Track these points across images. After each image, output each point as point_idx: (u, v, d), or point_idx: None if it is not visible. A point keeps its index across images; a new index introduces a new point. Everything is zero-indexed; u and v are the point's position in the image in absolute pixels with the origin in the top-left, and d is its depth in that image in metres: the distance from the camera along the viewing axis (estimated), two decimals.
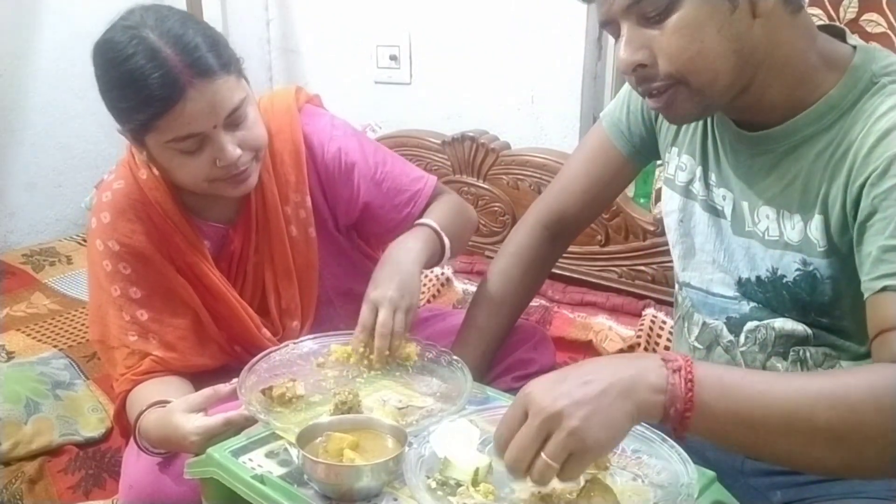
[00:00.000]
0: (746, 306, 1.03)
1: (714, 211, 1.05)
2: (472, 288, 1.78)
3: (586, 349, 1.68)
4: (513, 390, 1.15)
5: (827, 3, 1.49)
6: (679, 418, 0.75)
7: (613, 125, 1.19)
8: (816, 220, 0.92)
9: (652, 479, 0.84)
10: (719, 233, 1.04)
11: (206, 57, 1.08)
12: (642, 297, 1.79)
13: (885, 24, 1.45)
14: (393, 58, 2.25)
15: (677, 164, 1.10)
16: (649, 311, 1.73)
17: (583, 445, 0.73)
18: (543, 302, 1.83)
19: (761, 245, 0.98)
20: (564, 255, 1.85)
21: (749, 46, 0.88)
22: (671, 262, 1.17)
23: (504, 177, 1.96)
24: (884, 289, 0.81)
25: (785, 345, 1.00)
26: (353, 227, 1.37)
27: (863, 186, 0.85)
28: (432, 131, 2.10)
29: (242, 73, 1.16)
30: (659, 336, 1.68)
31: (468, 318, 1.26)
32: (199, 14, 2.22)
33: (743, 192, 1.00)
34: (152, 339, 1.21)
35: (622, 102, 1.18)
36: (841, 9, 1.49)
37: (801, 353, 0.99)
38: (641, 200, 1.88)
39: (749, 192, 0.99)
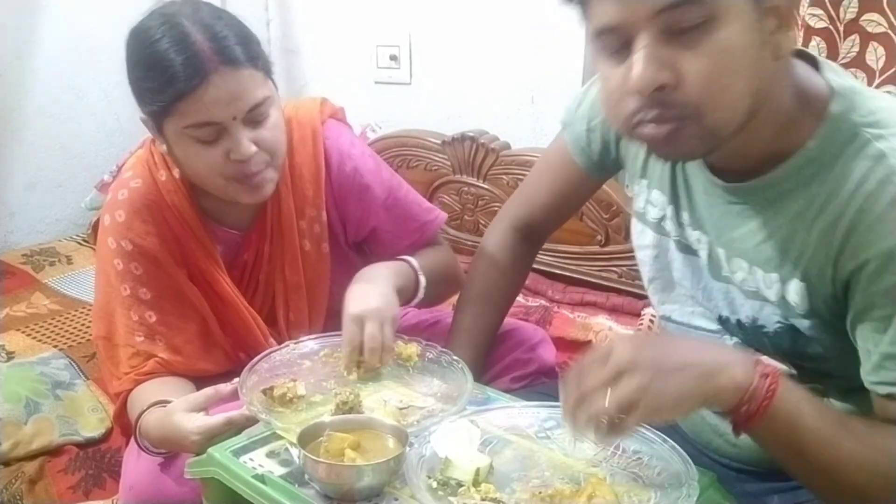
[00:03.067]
0: (729, 341, 0.98)
1: (689, 251, 0.99)
2: None
3: (586, 349, 1.67)
4: (512, 391, 1.15)
5: (827, 3, 1.49)
6: (745, 419, 0.78)
7: (574, 141, 1.14)
8: (796, 284, 0.86)
9: (652, 479, 0.84)
10: (696, 272, 0.99)
11: (234, 48, 1.09)
12: (642, 297, 1.78)
13: (885, 24, 1.45)
14: (393, 58, 2.25)
15: (647, 198, 1.03)
16: (649, 311, 1.73)
17: (644, 403, 0.74)
18: (543, 302, 1.83)
19: (740, 292, 0.93)
20: (564, 255, 1.87)
21: (763, 90, 0.79)
22: None
23: (504, 177, 1.96)
24: (888, 395, 0.82)
25: None
26: (360, 244, 1.37)
27: (857, 271, 0.80)
28: (432, 131, 2.10)
29: (270, 75, 1.16)
30: None
31: (455, 321, 1.25)
32: None
33: (718, 238, 0.93)
34: (159, 342, 1.21)
35: (583, 117, 1.12)
36: (841, 9, 1.48)
37: None
38: None
39: (724, 240, 0.93)
